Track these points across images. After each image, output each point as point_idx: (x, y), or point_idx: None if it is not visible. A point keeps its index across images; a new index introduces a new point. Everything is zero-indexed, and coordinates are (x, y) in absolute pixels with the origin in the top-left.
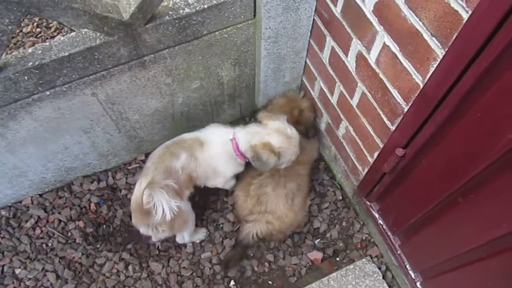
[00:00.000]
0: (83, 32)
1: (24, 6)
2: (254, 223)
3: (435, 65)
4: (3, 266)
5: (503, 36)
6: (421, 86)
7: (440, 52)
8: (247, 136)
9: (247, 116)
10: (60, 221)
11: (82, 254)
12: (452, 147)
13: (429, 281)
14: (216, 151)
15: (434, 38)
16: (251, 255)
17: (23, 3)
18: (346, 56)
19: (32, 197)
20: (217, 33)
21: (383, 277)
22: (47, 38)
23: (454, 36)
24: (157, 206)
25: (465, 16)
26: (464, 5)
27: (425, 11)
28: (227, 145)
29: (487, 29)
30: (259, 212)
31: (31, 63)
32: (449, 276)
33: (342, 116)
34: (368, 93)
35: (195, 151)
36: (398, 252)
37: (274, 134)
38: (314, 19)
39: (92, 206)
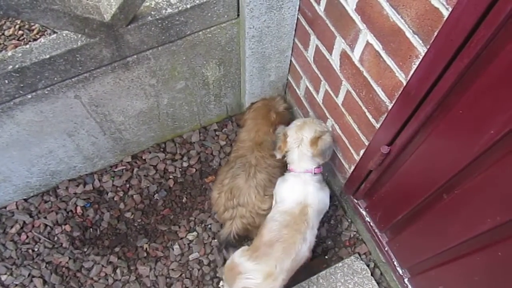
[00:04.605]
0: (64, 34)
1: (2, 8)
2: (231, 221)
3: (417, 63)
4: None
5: (483, 33)
6: (404, 83)
7: (422, 50)
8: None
9: (233, 116)
10: (46, 225)
11: (69, 258)
12: (436, 144)
13: (417, 277)
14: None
15: (416, 36)
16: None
17: (1, 5)
18: (330, 54)
19: (16, 202)
20: (200, 33)
21: (372, 274)
22: (29, 41)
23: (435, 34)
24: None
25: (446, 13)
26: (444, 3)
27: (407, 9)
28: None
29: (467, 26)
30: (232, 206)
31: (11, 66)
32: (436, 271)
33: (328, 115)
34: (352, 91)
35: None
36: (386, 249)
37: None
38: (298, 18)
39: (79, 209)
